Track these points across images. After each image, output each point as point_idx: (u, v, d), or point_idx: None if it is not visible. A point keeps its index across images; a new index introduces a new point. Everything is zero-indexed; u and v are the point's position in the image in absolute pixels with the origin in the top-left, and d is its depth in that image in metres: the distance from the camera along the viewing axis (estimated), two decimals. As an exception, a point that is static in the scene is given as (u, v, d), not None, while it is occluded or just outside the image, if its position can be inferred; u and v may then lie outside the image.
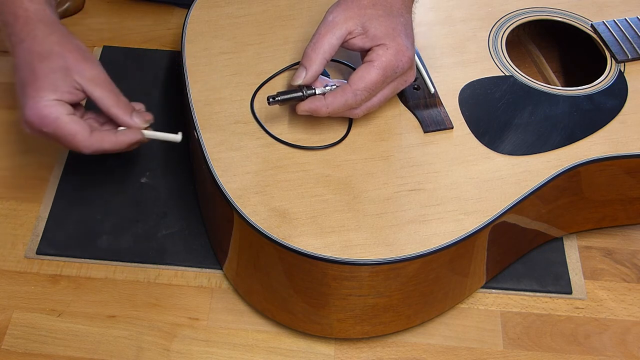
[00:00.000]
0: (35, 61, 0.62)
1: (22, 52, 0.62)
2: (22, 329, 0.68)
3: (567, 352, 0.68)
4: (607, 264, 0.74)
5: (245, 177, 0.63)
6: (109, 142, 0.64)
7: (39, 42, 0.63)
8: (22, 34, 0.63)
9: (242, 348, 0.68)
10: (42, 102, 0.61)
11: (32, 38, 0.63)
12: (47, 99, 0.61)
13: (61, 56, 0.63)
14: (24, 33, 0.63)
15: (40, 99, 0.61)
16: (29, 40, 0.62)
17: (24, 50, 0.62)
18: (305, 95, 0.64)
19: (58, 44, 0.63)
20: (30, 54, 0.62)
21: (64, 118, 0.62)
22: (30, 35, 0.63)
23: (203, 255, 0.73)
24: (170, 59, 0.88)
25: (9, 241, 0.74)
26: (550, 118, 0.68)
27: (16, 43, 0.63)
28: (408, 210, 0.61)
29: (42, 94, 0.61)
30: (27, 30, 0.63)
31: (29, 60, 0.62)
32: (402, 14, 0.64)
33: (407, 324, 0.68)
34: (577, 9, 0.77)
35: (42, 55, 0.62)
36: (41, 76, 0.62)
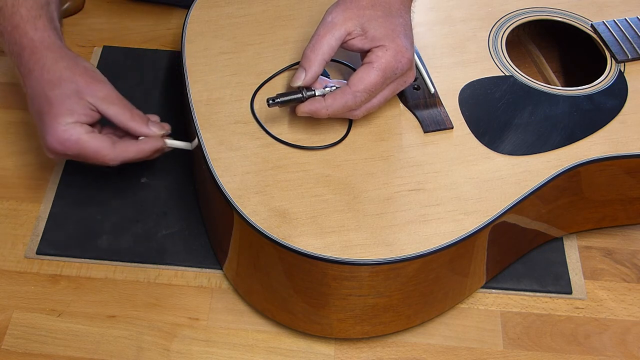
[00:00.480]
0: (47, 89, 0.63)
1: (33, 82, 0.63)
2: (22, 329, 0.68)
3: (567, 352, 0.68)
4: (607, 264, 0.74)
5: (245, 177, 0.63)
6: (133, 150, 0.66)
7: (47, 70, 0.63)
8: (30, 63, 0.63)
9: (242, 348, 0.68)
10: (61, 127, 0.62)
11: (40, 67, 0.63)
12: (65, 123, 0.63)
13: (72, 81, 0.64)
14: (31, 63, 0.63)
15: (59, 124, 0.62)
16: (38, 69, 0.63)
17: (35, 80, 0.63)
18: (304, 96, 0.64)
19: (67, 69, 0.64)
20: (41, 83, 0.63)
21: (85, 137, 0.63)
22: (38, 64, 0.63)
23: (203, 255, 0.73)
24: (170, 59, 0.88)
25: (9, 241, 0.74)
26: (550, 118, 0.68)
27: (26, 74, 0.64)
28: (408, 210, 0.61)
29: (60, 120, 0.62)
30: (35, 60, 0.64)
31: (41, 90, 0.63)
32: (401, 15, 0.64)
33: (407, 324, 0.68)
34: (577, 9, 0.77)
35: (53, 83, 0.63)
36: (56, 103, 0.63)
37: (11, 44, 0.64)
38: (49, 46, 0.65)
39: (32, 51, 0.64)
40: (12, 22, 0.64)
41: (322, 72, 0.63)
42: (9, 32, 0.64)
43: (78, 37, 0.91)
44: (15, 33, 0.64)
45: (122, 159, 0.66)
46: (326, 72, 0.68)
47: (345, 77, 0.64)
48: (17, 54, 0.64)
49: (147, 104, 0.82)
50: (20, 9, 0.65)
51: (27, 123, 0.82)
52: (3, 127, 0.82)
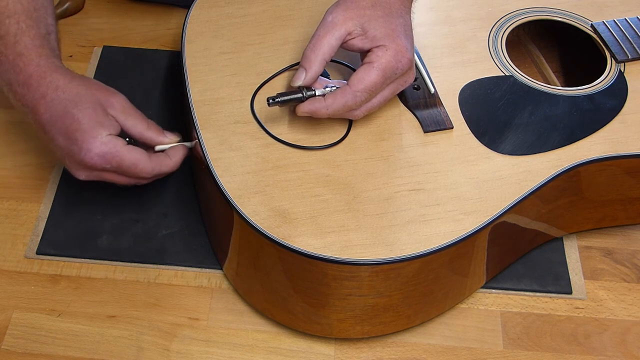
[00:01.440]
0: (70, 107, 0.62)
1: (50, 105, 0.63)
2: (22, 329, 0.68)
3: (567, 352, 0.68)
4: (607, 264, 0.74)
5: (245, 177, 0.63)
6: (167, 164, 0.67)
7: (63, 89, 0.63)
8: (41, 89, 0.63)
9: (242, 348, 0.68)
10: (99, 140, 0.62)
11: (54, 89, 0.63)
12: (102, 136, 0.63)
13: (91, 95, 0.64)
14: (43, 87, 0.63)
15: (95, 138, 0.62)
16: (52, 91, 0.63)
17: (51, 102, 0.63)
18: (305, 96, 0.64)
19: (82, 86, 0.64)
20: (60, 103, 0.63)
21: (124, 149, 0.63)
22: (51, 87, 0.63)
23: (203, 255, 0.73)
24: (170, 59, 0.88)
25: (9, 241, 0.74)
26: (550, 118, 0.68)
27: (38, 99, 0.63)
28: (408, 210, 0.61)
29: (95, 133, 0.62)
30: (46, 84, 0.63)
31: (62, 109, 0.62)
32: (402, 15, 0.64)
33: (407, 324, 0.68)
34: (577, 9, 0.77)
35: (74, 100, 0.63)
36: (85, 119, 0.62)
37: (14, 72, 0.64)
38: (56, 69, 0.65)
39: (41, 76, 0.63)
40: (15, 50, 0.64)
41: (322, 72, 0.63)
42: (10, 61, 0.64)
43: (78, 37, 0.91)
44: (19, 61, 0.63)
45: (158, 172, 0.66)
46: (326, 73, 0.68)
47: (346, 78, 0.64)
48: (23, 83, 0.63)
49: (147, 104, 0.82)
50: (24, 37, 0.64)
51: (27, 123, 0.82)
52: (3, 127, 0.82)
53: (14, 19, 0.65)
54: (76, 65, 0.87)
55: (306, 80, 0.63)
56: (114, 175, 0.66)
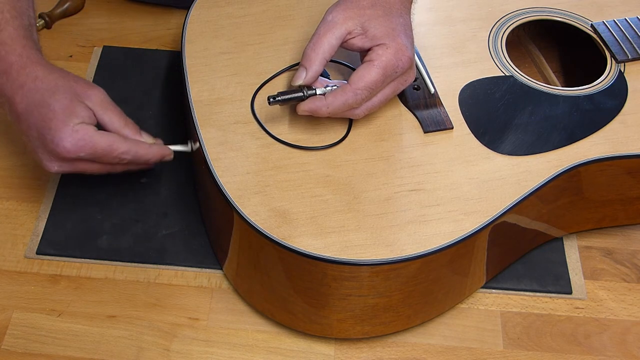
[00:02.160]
0: (46, 97, 0.63)
1: (27, 95, 0.63)
2: (22, 329, 0.68)
3: (567, 352, 0.68)
4: (607, 264, 0.74)
5: (245, 177, 0.63)
6: (143, 147, 0.66)
7: (41, 80, 0.63)
8: (20, 78, 0.63)
9: (242, 348, 0.68)
10: (71, 128, 0.62)
11: (33, 79, 0.63)
12: (74, 124, 0.62)
13: (68, 87, 0.64)
14: (22, 77, 0.63)
15: (67, 126, 0.62)
16: (30, 81, 0.63)
17: (29, 92, 0.63)
18: (305, 95, 0.64)
19: (61, 78, 0.64)
20: (38, 93, 0.63)
21: (96, 135, 0.63)
22: (30, 77, 0.63)
23: (203, 255, 0.73)
24: (170, 59, 0.88)
25: (9, 241, 0.74)
26: (551, 118, 0.68)
27: (15, 89, 0.63)
28: (408, 210, 0.61)
29: (68, 122, 0.62)
30: (26, 74, 0.63)
31: (39, 98, 0.63)
32: (402, 15, 0.64)
33: (407, 324, 0.68)
34: (577, 9, 0.77)
35: (51, 90, 0.63)
36: (59, 108, 0.62)
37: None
38: (38, 61, 0.65)
39: (22, 66, 0.63)
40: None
41: (322, 71, 0.63)
42: None
43: (78, 37, 0.91)
44: (1, 50, 0.63)
45: (135, 152, 0.65)
46: (327, 73, 0.68)
47: (346, 78, 0.64)
48: (2, 72, 0.63)
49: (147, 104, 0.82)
50: (8, 27, 0.64)
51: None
52: (3, 127, 0.82)
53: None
54: (76, 65, 0.87)
55: (307, 79, 0.63)
56: (88, 164, 0.65)
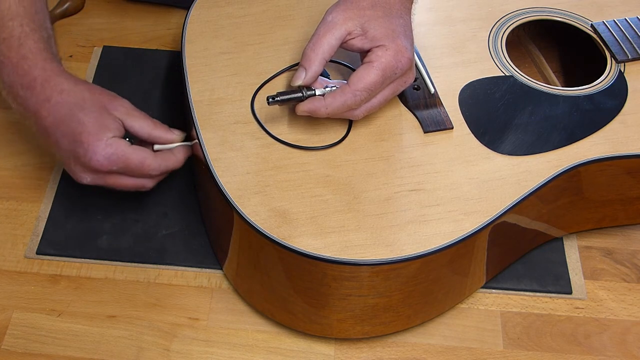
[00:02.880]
0: (76, 111, 0.63)
1: (54, 108, 0.63)
2: (22, 329, 0.68)
3: (567, 352, 0.68)
4: (607, 264, 0.74)
5: (245, 177, 0.63)
6: (172, 160, 0.67)
7: (68, 93, 0.63)
8: (46, 91, 0.63)
9: (242, 348, 0.68)
10: (104, 142, 0.62)
11: (59, 92, 0.63)
12: (107, 138, 0.63)
13: (96, 100, 0.64)
14: (48, 90, 0.63)
15: (100, 141, 0.62)
16: (56, 94, 0.63)
17: (55, 105, 0.63)
18: (304, 95, 0.64)
19: (87, 90, 0.65)
20: (65, 106, 0.63)
21: (129, 149, 0.64)
22: (56, 90, 0.63)
23: (203, 255, 0.73)
24: (170, 59, 0.88)
25: (9, 241, 0.74)
26: (551, 118, 0.68)
27: (41, 103, 0.63)
28: (408, 210, 0.61)
29: (100, 136, 0.62)
30: (51, 87, 0.63)
31: (67, 112, 0.63)
32: (402, 16, 0.64)
33: (407, 324, 0.68)
34: (577, 9, 0.77)
35: (79, 104, 0.63)
36: (90, 122, 0.63)
37: (17, 75, 0.63)
38: (60, 73, 0.65)
39: (46, 80, 0.63)
40: (19, 53, 0.63)
41: (322, 71, 0.63)
42: (14, 64, 0.63)
43: (78, 37, 0.91)
44: (23, 64, 0.63)
45: (164, 168, 0.66)
46: (326, 73, 0.68)
47: (346, 78, 0.64)
48: (26, 86, 0.63)
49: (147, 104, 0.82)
50: (28, 41, 0.64)
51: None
52: (3, 127, 0.82)
53: (17, 22, 0.65)
54: (76, 65, 0.87)
55: (306, 79, 0.63)
56: (119, 178, 0.65)
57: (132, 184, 0.66)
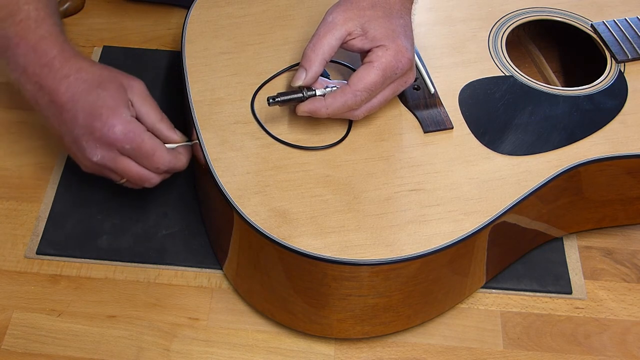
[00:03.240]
0: (94, 87, 0.63)
1: (73, 84, 0.63)
2: (22, 329, 0.68)
3: (567, 352, 0.68)
4: (607, 264, 0.74)
5: (245, 177, 0.63)
6: (180, 160, 0.67)
7: (86, 70, 0.64)
8: (64, 69, 0.63)
9: (242, 348, 0.68)
10: (123, 117, 0.62)
11: (77, 70, 0.63)
12: (126, 114, 0.63)
13: (114, 77, 0.65)
14: (66, 69, 0.63)
15: (120, 115, 0.62)
16: (75, 72, 0.63)
17: (75, 81, 0.63)
18: (305, 96, 0.64)
19: (104, 69, 0.65)
20: (85, 83, 0.63)
21: (145, 134, 0.63)
22: (74, 68, 0.63)
23: (203, 255, 0.73)
24: (170, 59, 0.88)
25: (9, 241, 0.74)
26: (551, 118, 0.68)
27: (60, 79, 0.63)
28: (408, 210, 0.61)
29: (120, 111, 0.62)
30: (70, 65, 0.64)
31: (87, 88, 0.63)
32: (402, 16, 0.64)
33: (407, 324, 0.68)
34: (577, 9, 0.77)
35: (99, 81, 0.63)
36: (109, 97, 0.63)
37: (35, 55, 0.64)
38: (78, 54, 0.65)
39: (65, 58, 0.64)
40: (37, 34, 0.64)
41: (322, 72, 0.63)
42: (32, 44, 0.64)
43: (78, 37, 0.91)
44: (42, 44, 0.64)
45: (172, 165, 0.66)
46: (327, 73, 0.68)
47: (346, 78, 0.64)
48: (44, 64, 0.63)
49: (147, 104, 0.82)
50: (44, 24, 0.65)
51: (27, 123, 0.82)
52: (3, 127, 0.82)
53: (32, 6, 0.65)
54: (76, 65, 0.87)
55: (306, 80, 0.63)
56: (128, 162, 0.64)
57: (138, 173, 0.65)
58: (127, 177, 0.66)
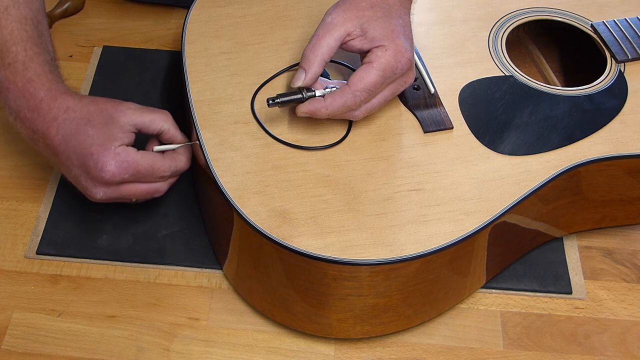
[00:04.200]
0: (82, 125, 0.63)
1: (62, 126, 0.63)
2: (22, 329, 0.68)
3: (567, 352, 0.68)
4: (607, 264, 0.74)
5: (245, 177, 0.63)
6: (181, 161, 0.67)
7: (73, 109, 0.64)
8: (52, 111, 0.63)
9: (242, 348, 0.68)
10: (112, 152, 0.62)
11: (64, 110, 0.64)
12: (114, 147, 0.63)
13: (100, 110, 0.64)
14: (54, 110, 0.64)
15: (109, 150, 0.62)
16: (62, 113, 0.63)
17: (63, 123, 0.63)
18: (304, 97, 0.64)
19: (91, 104, 0.65)
20: (72, 122, 0.63)
21: (137, 155, 0.64)
22: (62, 109, 0.64)
23: (203, 255, 0.73)
24: (170, 59, 0.88)
25: (9, 241, 0.74)
26: (551, 118, 0.68)
27: (48, 122, 0.63)
28: (408, 210, 0.61)
29: (108, 145, 0.63)
30: (57, 106, 0.64)
31: (75, 127, 0.63)
32: (401, 16, 0.64)
33: (407, 324, 0.68)
34: (577, 9, 0.77)
35: (86, 118, 0.63)
36: (97, 134, 0.63)
37: (24, 99, 0.64)
38: (66, 92, 0.65)
39: (52, 99, 0.64)
40: (25, 77, 0.64)
41: (322, 72, 0.63)
42: (20, 88, 0.64)
43: (78, 37, 0.91)
44: (29, 87, 0.64)
45: (174, 168, 0.66)
46: (326, 73, 0.68)
47: (346, 79, 0.64)
48: (32, 108, 0.64)
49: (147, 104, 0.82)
50: (32, 64, 0.65)
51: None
52: (3, 127, 0.82)
53: (21, 46, 0.65)
54: (76, 65, 0.88)
55: (306, 80, 0.63)
56: (133, 186, 0.65)
57: (146, 190, 0.66)
58: (136, 197, 0.66)
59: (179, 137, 0.67)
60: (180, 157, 0.67)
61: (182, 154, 0.68)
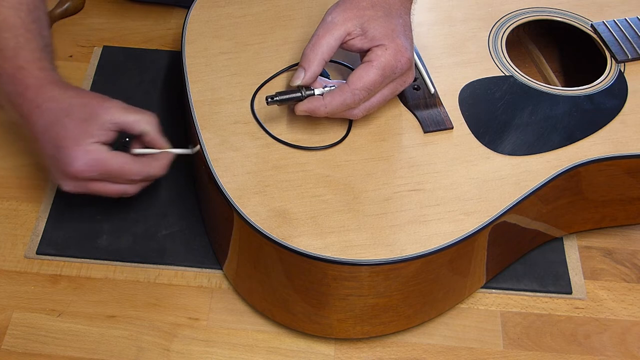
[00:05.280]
0: (61, 117, 0.63)
1: (43, 115, 0.63)
2: (22, 329, 0.68)
3: (567, 352, 0.68)
4: (607, 264, 0.74)
5: (245, 177, 0.63)
6: (154, 166, 0.66)
7: (56, 100, 0.64)
8: (37, 99, 0.64)
9: (242, 348, 0.68)
10: (84, 148, 0.62)
11: (49, 99, 0.64)
12: (87, 144, 0.62)
13: (83, 105, 0.64)
14: (39, 98, 0.64)
15: (80, 146, 0.62)
16: (46, 102, 0.64)
17: (45, 112, 0.63)
18: (303, 95, 0.64)
19: (76, 96, 0.64)
20: (54, 113, 0.63)
21: (107, 155, 0.63)
22: (46, 98, 0.64)
23: (203, 255, 0.73)
24: (170, 59, 0.88)
25: (9, 241, 0.74)
26: (551, 118, 0.68)
27: (31, 109, 0.63)
28: (408, 210, 0.61)
29: (81, 142, 0.62)
30: (42, 94, 0.64)
31: (54, 118, 0.63)
32: (401, 15, 0.64)
33: (407, 324, 0.68)
34: (577, 9, 0.77)
35: (66, 110, 0.63)
36: (73, 127, 0.63)
37: (13, 84, 0.64)
38: (53, 81, 0.65)
39: (39, 87, 0.64)
40: (14, 64, 0.64)
41: (321, 71, 0.63)
42: (10, 74, 0.64)
43: (78, 37, 0.91)
44: (18, 74, 0.64)
45: (145, 173, 0.65)
46: (326, 73, 0.68)
47: (345, 78, 0.64)
48: (19, 94, 0.64)
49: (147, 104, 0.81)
50: (23, 51, 0.65)
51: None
52: (3, 127, 0.82)
53: (11, 33, 0.65)
54: (76, 65, 0.88)
55: (305, 79, 0.63)
56: (101, 185, 0.65)
57: (114, 190, 0.65)
58: (104, 195, 0.66)
59: (159, 141, 0.66)
60: (155, 163, 0.66)
61: (159, 160, 0.67)
